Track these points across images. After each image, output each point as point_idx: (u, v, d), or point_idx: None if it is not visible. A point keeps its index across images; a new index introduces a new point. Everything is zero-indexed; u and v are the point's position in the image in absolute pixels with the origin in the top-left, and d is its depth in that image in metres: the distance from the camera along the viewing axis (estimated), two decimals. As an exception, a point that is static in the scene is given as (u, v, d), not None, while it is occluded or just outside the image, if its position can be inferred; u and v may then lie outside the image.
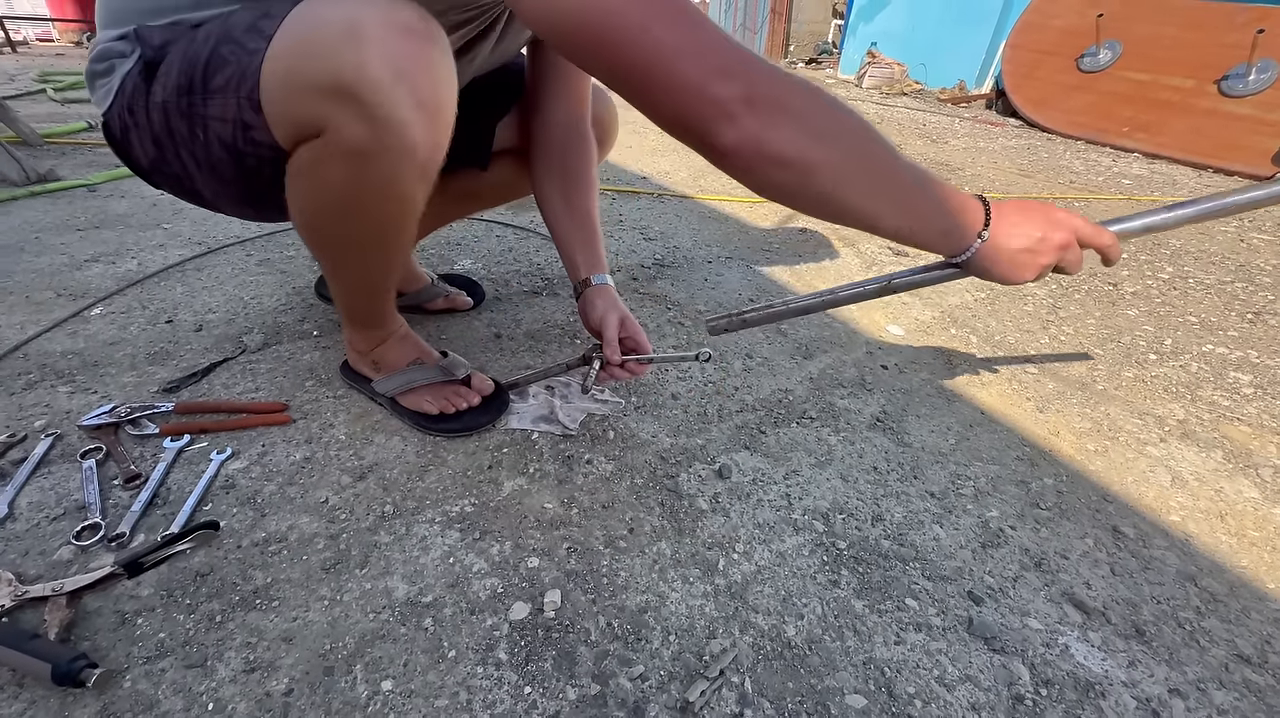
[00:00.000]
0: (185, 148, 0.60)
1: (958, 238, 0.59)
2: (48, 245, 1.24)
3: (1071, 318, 1.27)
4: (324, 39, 0.50)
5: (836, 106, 0.51)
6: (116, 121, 0.63)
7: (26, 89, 2.66)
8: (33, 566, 0.59)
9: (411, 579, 0.61)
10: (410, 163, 0.56)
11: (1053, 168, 2.68)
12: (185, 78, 0.56)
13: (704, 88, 0.46)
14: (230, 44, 0.54)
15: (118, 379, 0.86)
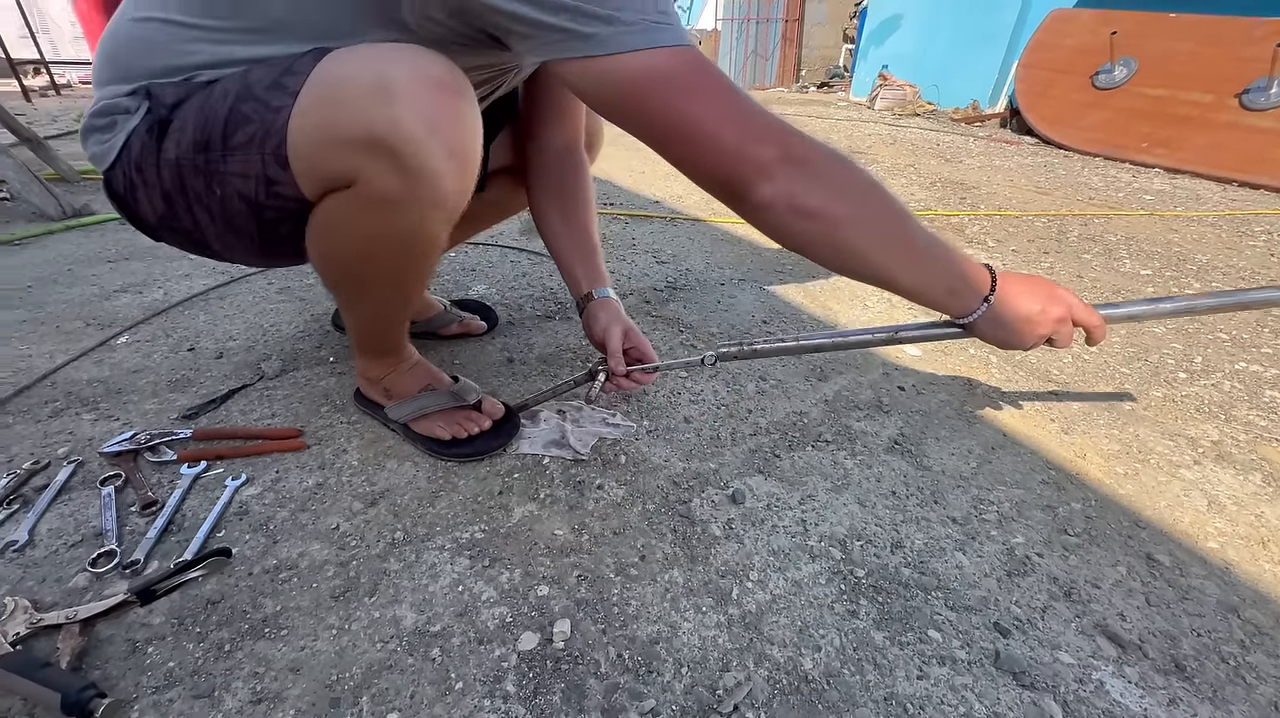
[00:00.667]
0: (199, 203, 0.61)
1: (965, 299, 0.63)
2: (80, 277, 1.28)
3: (1095, 336, 1.24)
4: (355, 94, 0.51)
5: (857, 170, 0.56)
6: (121, 179, 0.63)
7: (66, 129, 2.79)
8: (49, 593, 0.60)
9: (420, 608, 0.60)
10: (440, 210, 0.58)
11: (1071, 184, 2.65)
12: (203, 135, 0.57)
13: (742, 150, 0.52)
14: (252, 101, 0.55)
15: (140, 406, 0.88)
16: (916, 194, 2.33)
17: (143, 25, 0.60)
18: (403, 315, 0.77)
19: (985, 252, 1.72)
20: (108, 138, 0.61)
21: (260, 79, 0.56)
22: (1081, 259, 1.69)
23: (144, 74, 0.60)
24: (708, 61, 0.53)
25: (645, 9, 0.49)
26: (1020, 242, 1.82)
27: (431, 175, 0.55)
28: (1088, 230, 1.96)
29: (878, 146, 3.33)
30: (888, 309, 1.31)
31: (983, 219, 2.03)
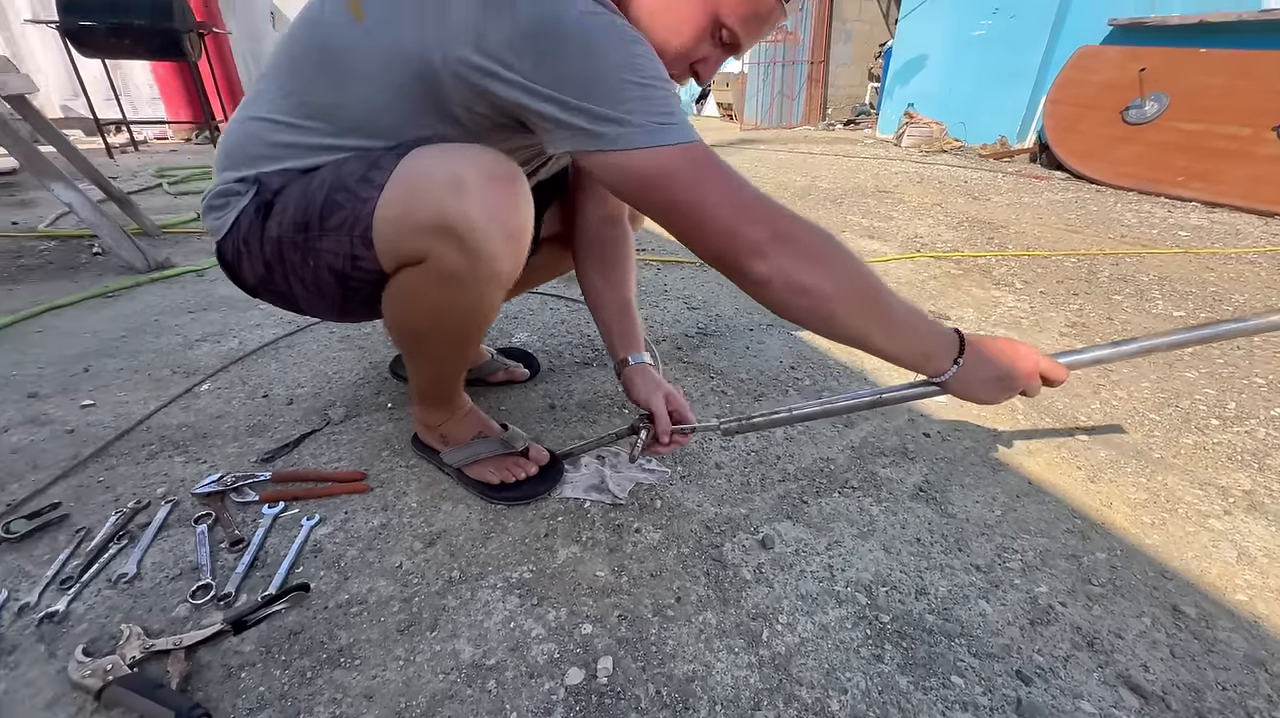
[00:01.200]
0: (294, 272, 0.71)
1: (936, 362, 0.70)
2: (165, 327, 1.42)
3: (1125, 380, 1.26)
4: (430, 188, 0.61)
5: (842, 248, 0.64)
6: (230, 248, 0.74)
7: (145, 184, 3.06)
8: (155, 621, 0.68)
9: (476, 643, 0.66)
10: (496, 284, 0.68)
11: (1103, 221, 2.65)
12: (302, 217, 0.67)
13: (737, 231, 0.59)
14: (344, 191, 0.65)
15: (223, 450, 0.98)
16: (944, 234, 2.37)
17: (252, 123, 0.71)
18: (460, 370, 0.86)
19: (1012, 294, 1.74)
20: (222, 215, 0.72)
21: (352, 173, 0.66)
22: (1112, 300, 1.70)
23: (251, 163, 0.71)
24: (708, 154, 0.60)
25: (650, 112, 0.56)
26: (1049, 282, 1.84)
27: (490, 256, 0.64)
28: (1119, 270, 1.96)
29: (905, 185, 3.38)
30: (914, 354, 1.35)
31: (1010, 260, 2.05)
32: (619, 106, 0.56)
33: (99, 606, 0.69)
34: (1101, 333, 1.48)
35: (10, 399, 1.10)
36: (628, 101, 0.56)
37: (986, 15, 4.58)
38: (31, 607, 0.68)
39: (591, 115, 0.56)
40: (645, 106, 0.56)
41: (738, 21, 0.65)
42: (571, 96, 0.56)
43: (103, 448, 0.97)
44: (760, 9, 0.65)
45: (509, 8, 0.55)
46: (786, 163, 4.15)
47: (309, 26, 0.67)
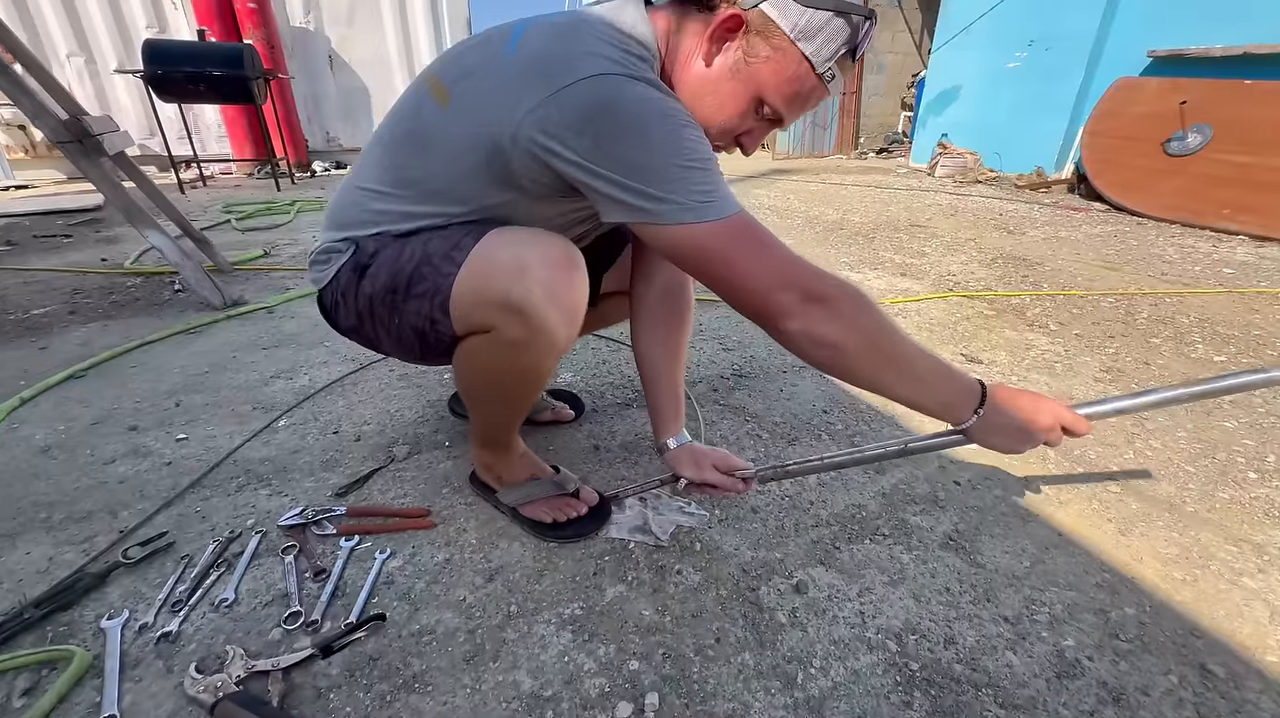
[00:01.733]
0: (382, 325, 0.81)
1: (956, 412, 0.74)
2: (243, 363, 1.55)
3: (1160, 430, 1.27)
4: (501, 271, 0.71)
5: (865, 305, 0.69)
6: (329, 297, 0.85)
7: (215, 220, 3.30)
8: (253, 643, 0.77)
9: (534, 674, 0.73)
10: (552, 353, 0.77)
11: (1143, 257, 2.62)
12: (392, 282, 0.77)
13: (769, 295, 0.66)
14: (429, 266, 0.74)
15: (301, 484, 1.08)
16: (976, 272, 2.38)
17: (356, 191, 0.82)
18: (518, 420, 0.94)
19: (1046, 336, 1.76)
20: (324, 269, 0.83)
21: (436, 250, 0.75)
22: (1149, 344, 1.70)
23: (351, 226, 0.81)
24: (744, 226, 0.66)
25: (692, 192, 0.63)
26: (1085, 324, 1.85)
27: (549, 330, 0.73)
28: (1158, 311, 1.96)
29: (937, 219, 3.40)
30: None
31: (1045, 300, 2.06)
32: (663, 186, 0.62)
33: (205, 627, 0.79)
34: (1138, 378, 1.49)
35: (115, 432, 1.23)
36: (671, 182, 0.62)
37: (1021, 47, 4.61)
38: (149, 627, 0.78)
39: (639, 193, 0.63)
40: (687, 186, 0.63)
41: (780, 101, 0.70)
42: (622, 175, 0.63)
43: (197, 480, 1.08)
44: (802, 89, 0.70)
45: (572, 93, 0.62)
46: (818, 195, 4.21)
47: (406, 110, 0.78)
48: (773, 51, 0.67)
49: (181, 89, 3.98)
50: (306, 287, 2.15)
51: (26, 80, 1.74)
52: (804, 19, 0.65)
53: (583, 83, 0.62)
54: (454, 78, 0.73)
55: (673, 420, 0.95)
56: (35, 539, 0.94)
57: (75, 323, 1.82)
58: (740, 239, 0.66)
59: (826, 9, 0.65)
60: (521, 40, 0.69)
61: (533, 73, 0.65)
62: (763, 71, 0.68)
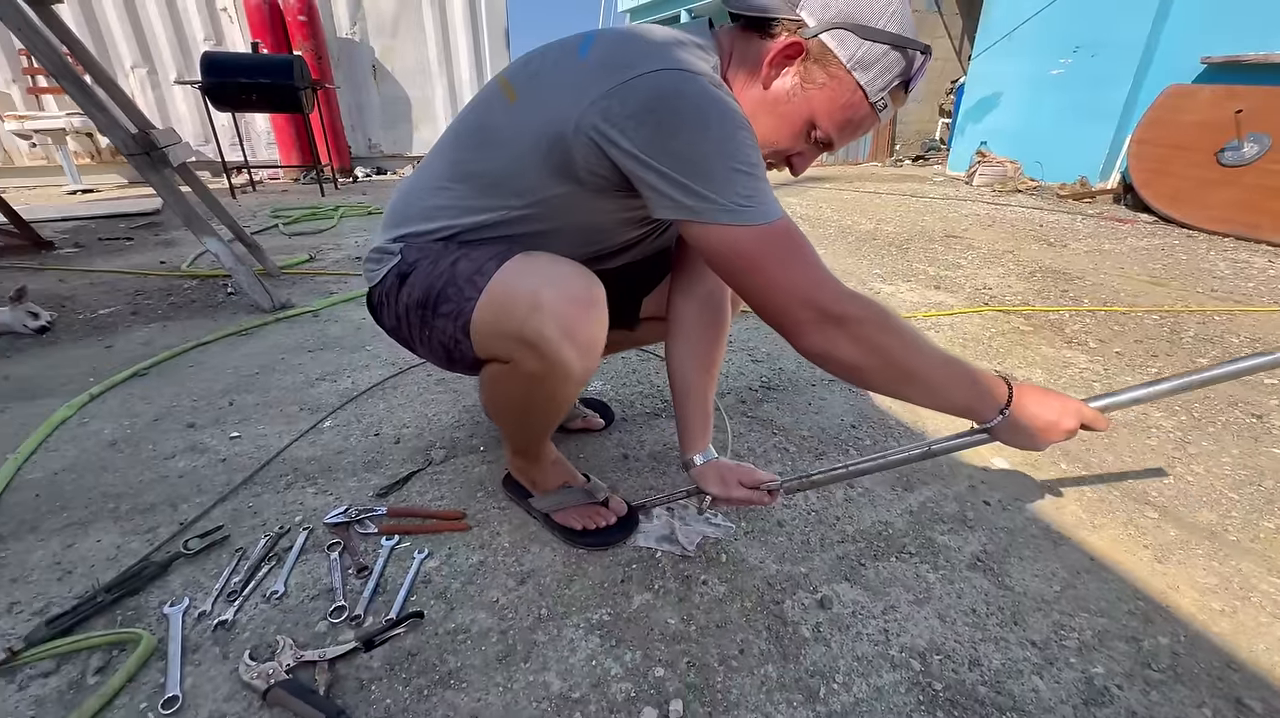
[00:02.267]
0: (415, 333, 0.85)
1: (979, 414, 0.75)
2: (290, 365, 1.63)
3: (1204, 454, 1.23)
4: (516, 305, 0.73)
5: (885, 327, 0.70)
6: (376, 296, 0.88)
7: (264, 225, 3.44)
8: (301, 634, 0.82)
9: (564, 676, 0.76)
10: (569, 384, 0.80)
11: (1192, 272, 2.53)
12: (423, 296, 0.80)
13: (788, 311, 0.69)
14: (454, 287, 0.77)
15: (345, 483, 1.13)
16: (1014, 285, 2.34)
17: (417, 187, 0.84)
18: (545, 436, 0.98)
19: (1085, 354, 1.72)
20: (376, 270, 0.86)
21: (463, 272, 0.77)
22: (1195, 364, 1.65)
23: (405, 223, 0.83)
24: (781, 236, 0.67)
25: (735, 194, 0.64)
26: (1126, 342, 1.80)
27: (564, 364, 0.75)
28: (1206, 330, 1.89)
29: (974, 229, 3.34)
30: (977, 416, 1.37)
31: (1085, 316, 2.02)
32: (710, 185, 0.64)
33: (257, 617, 0.84)
34: (1182, 401, 1.45)
35: (174, 429, 1.31)
36: (718, 182, 0.64)
37: (1066, 53, 4.49)
38: (207, 614, 0.84)
39: (686, 189, 0.64)
40: (733, 188, 0.64)
41: (832, 126, 0.72)
42: (672, 170, 0.64)
43: (250, 477, 1.14)
44: (854, 117, 0.71)
45: (637, 84, 0.63)
46: (851, 203, 4.18)
47: (474, 108, 0.81)
48: (828, 79, 0.69)
49: (235, 98, 4.17)
50: (349, 291, 2.24)
51: (99, 94, 1.87)
52: (861, 50, 0.67)
53: (648, 75, 0.63)
54: (523, 78, 0.75)
55: (700, 436, 0.96)
56: (105, 528, 1.01)
57: (138, 323, 1.94)
58: (773, 247, 0.67)
59: (884, 42, 0.66)
60: (592, 46, 0.71)
61: (600, 68, 0.67)
62: (817, 98, 0.70)
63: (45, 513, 1.04)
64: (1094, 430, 0.76)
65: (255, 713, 0.71)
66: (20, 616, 0.84)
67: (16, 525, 1.01)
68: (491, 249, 0.78)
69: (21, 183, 4.85)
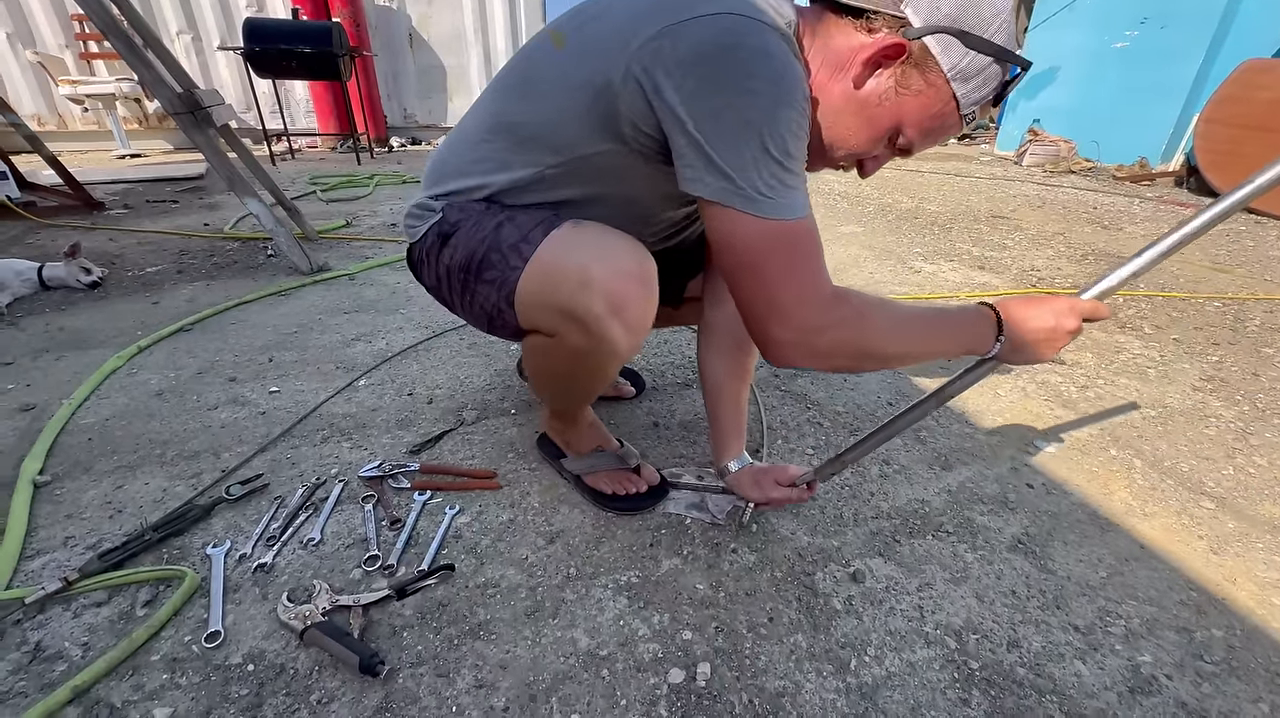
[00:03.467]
0: (456, 296, 0.84)
1: (980, 349, 0.72)
2: (327, 325, 1.66)
3: (1267, 446, 1.17)
4: (564, 279, 0.71)
5: (864, 327, 0.67)
6: (416, 253, 0.86)
7: (303, 191, 3.49)
8: (337, 580, 0.83)
9: (591, 634, 0.76)
10: (615, 360, 0.79)
11: (1259, 260, 2.39)
12: (466, 261, 0.77)
13: (766, 328, 0.67)
14: (498, 253, 0.74)
15: (379, 440, 1.15)
16: (1064, 268, 2.24)
17: (456, 141, 0.82)
18: (585, 404, 0.99)
19: (1140, 339, 1.63)
20: (417, 227, 0.84)
21: (507, 237, 0.74)
22: (1261, 354, 1.55)
23: (445, 179, 0.80)
24: (791, 238, 0.62)
25: (755, 180, 0.59)
26: (1185, 329, 1.71)
27: (610, 342, 0.73)
28: (1274, 318, 1.78)
29: (1023, 210, 3.20)
30: (1021, 399, 1.32)
31: (1141, 300, 1.92)
32: (732, 162, 0.59)
33: (295, 562, 0.86)
34: (1245, 391, 1.37)
35: (217, 382, 1.35)
36: (742, 160, 0.58)
37: (1132, 25, 4.22)
38: (248, 557, 0.86)
39: (708, 162, 0.59)
40: (756, 172, 0.59)
41: (918, 134, 0.66)
42: (699, 132, 0.58)
43: (288, 430, 1.17)
44: (943, 126, 0.65)
45: (693, 26, 0.57)
46: (892, 181, 4.04)
47: (521, 56, 0.76)
48: (926, 86, 0.62)
49: (275, 65, 4.20)
50: (385, 256, 2.26)
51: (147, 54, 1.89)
52: (965, 61, 0.60)
53: (707, 18, 0.57)
54: (573, 26, 0.70)
55: (734, 442, 0.94)
56: (151, 472, 1.04)
57: (183, 281, 1.99)
58: (774, 255, 0.62)
59: (988, 54, 0.60)
60: None
61: (657, 7, 0.61)
62: (910, 104, 0.63)
63: (97, 456, 1.08)
64: (1098, 320, 0.71)
65: (292, 652, 0.73)
66: (75, 549, 0.87)
67: (71, 466, 1.05)
68: (537, 215, 0.75)
69: (74, 147, 5.01)
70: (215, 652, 0.72)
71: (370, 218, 2.92)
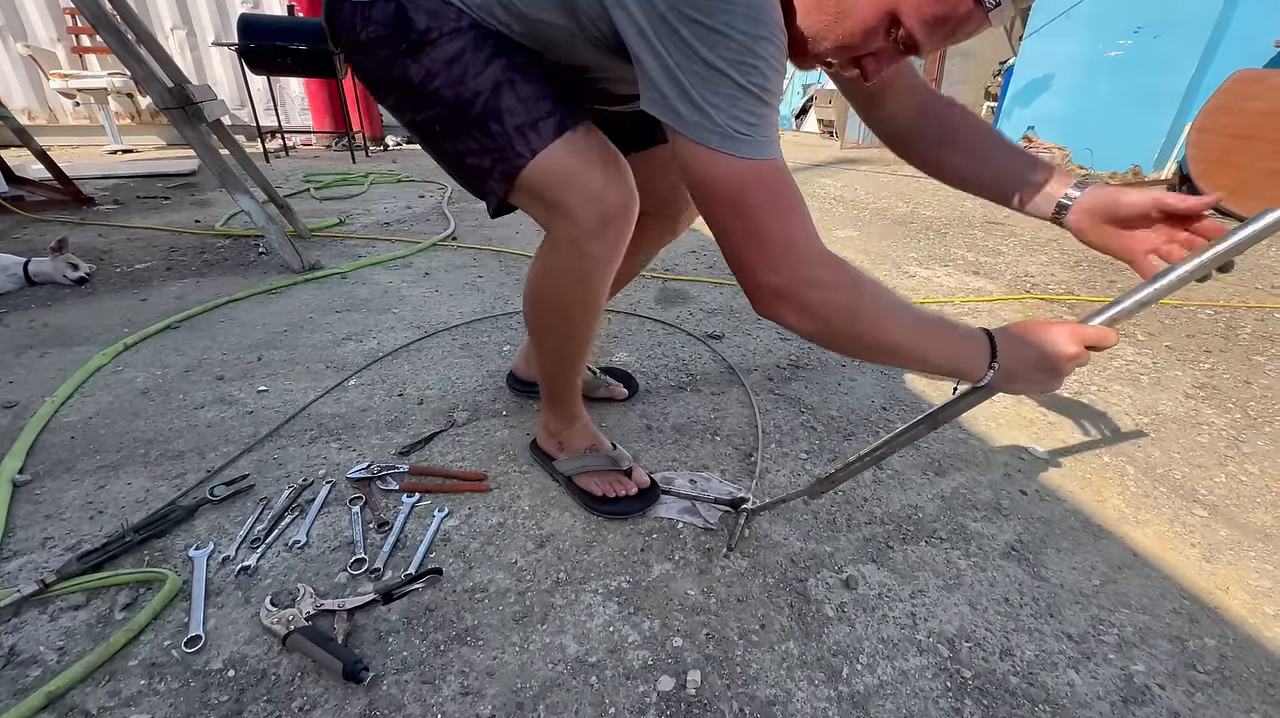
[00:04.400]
0: (414, 114, 0.75)
1: (970, 372, 0.66)
2: (318, 324, 1.64)
3: (1259, 454, 1.17)
4: (574, 186, 0.72)
5: (858, 306, 0.62)
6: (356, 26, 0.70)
7: (296, 189, 3.47)
8: (322, 583, 0.82)
9: (580, 640, 0.75)
10: (600, 270, 0.80)
11: (1251, 268, 2.40)
12: (454, 99, 0.69)
13: (752, 272, 0.62)
14: (499, 124, 0.69)
15: (368, 440, 1.14)
16: (1058, 274, 2.24)
17: None
18: (577, 360, 0.96)
19: (1133, 346, 1.64)
20: None
21: (512, 112, 0.70)
22: (1252, 361, 1.56)
23: None
24: (769, 180, 0.58)
25: (733, 116, 0.55)
26: (1177, 336, 1.71)
27: (594, 255, 0.77)
28: (1265, 326, 1.79)
29: (1017, 216, 3.20)
30: (1014, 405, 1.32)
31: (1134, 307, 1.92)
32: (709, 96, 0.55)
33: (279, 565, 0.85)
34: (1236, 398, 1.37)
35: (204, 380, 1.33)
36: (718, 95, 0.55)
37: (1126, 34, 4.25)
38: (231, 559, 0.85)
39: (682, 92, 0.55)
40: (732, 108, 0.55)
41: (919, 23, 0.55)
42: (673, 60, 0.55)
43: (275, 429, 1.15)
44: (952, 12, 0.53)
45: None
46: (887, 186, 4.05)
47: None
48: None
49: (270, 62, 4.17)
50: (378, 254, 2.24)
51: (139, 49, 1.87)
52: None
53: None
54: None
55: (1050, 177, 0.77)
56: (135, 472, 1.03)
57: (172, 278, 1.97)
58: (763, 191, 0.58)
59: None
60: None
61: None
62: None
63: (80, 454, 1.06)
64: (1105, 348, 0.66)
65: (275, 657, 0.71)
66: (54, 550, 0.86)
67: (53, 465, 1.03)
68: (541, 92, 0.71)
69: (65, 141, 4.96)
70: (195, 657, 0.71)
71: (364, 216, 2.90)
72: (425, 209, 3.08)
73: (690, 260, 2.32)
